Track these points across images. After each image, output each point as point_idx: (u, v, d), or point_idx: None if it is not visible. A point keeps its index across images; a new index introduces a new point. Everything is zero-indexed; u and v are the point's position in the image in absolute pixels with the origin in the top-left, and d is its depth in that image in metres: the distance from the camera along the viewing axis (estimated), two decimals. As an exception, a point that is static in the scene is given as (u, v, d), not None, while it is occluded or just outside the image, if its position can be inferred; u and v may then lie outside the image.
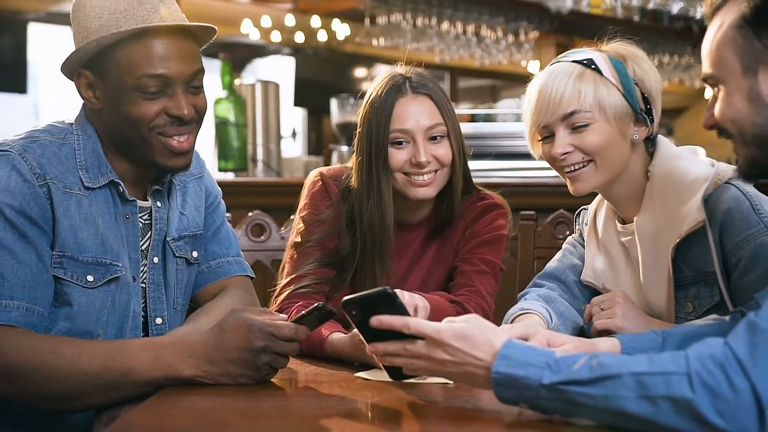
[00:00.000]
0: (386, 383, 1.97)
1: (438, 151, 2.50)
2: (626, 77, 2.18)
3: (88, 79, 2.14)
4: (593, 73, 2.17)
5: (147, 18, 2.08)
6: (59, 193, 2.08)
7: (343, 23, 9.59)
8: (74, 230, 2.09)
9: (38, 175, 2.06)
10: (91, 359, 1.95)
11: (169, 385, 1.95)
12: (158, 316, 2.26)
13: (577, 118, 2.16)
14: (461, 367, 1.69)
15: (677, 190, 2.17)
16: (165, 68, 2.09)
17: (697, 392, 1.44)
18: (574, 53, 2.23)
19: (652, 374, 1.49)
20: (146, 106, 2.10)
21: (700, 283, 2.15)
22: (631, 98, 2.18)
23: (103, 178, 2.15)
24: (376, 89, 2.54)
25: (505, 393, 1.63)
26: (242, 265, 2.46)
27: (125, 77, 2.08)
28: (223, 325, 1.99)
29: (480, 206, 2.64)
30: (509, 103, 5.33)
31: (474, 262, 2.58)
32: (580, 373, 1.55)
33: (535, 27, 8.46)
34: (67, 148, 2.14)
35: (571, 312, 2.36)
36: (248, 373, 1.96)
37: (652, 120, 2.22)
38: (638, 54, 2.23)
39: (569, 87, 2.16)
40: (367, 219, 2.54)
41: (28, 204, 2.03)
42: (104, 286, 2.13)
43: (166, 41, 2.10)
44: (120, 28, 2.06)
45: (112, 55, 2.09)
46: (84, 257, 2.10)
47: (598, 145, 2.17)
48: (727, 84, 1.70)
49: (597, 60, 2.18)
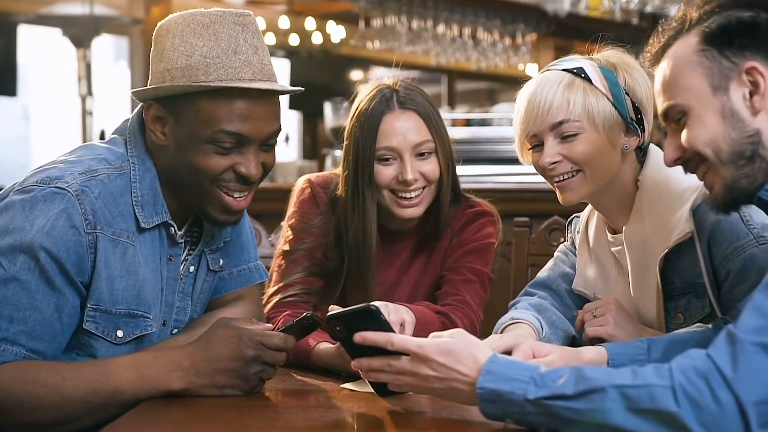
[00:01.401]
0: (373, 394, 1.96)
1: (425, 168, 2.50)
2: (616, 86, 2.19)
3: (160, 114, 2.07)
4: (583, 82, 2.18)
5: (238, 72, 2.01)
6: (106, 241, 2.01)
7: (339, 25, 9.62)
8: (111, 281, 2.03)
9: (89, 223, 1.98)
10: (75, 384, 1.93)
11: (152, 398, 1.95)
12: (176, 327, 2.23)
13: (566, 127, 2.17)
14: (446, 382, 1.71)
15: (666, 200, 2.18)
16: (245, 128, 2.02)
17: (682, 405, 1.47)
18: (564, 61, 2.24)
19: (636, 387, 1.51)
20: (216, 160, 2.03)
21: (690, 295, 2.16)
22: (621, 107, 2.19)
23: (157, 217, 2.10)
24: (363, 102, 2.54)
25: (491, 408, 1.65)
26: (260, 270, 2.42)
27: (202, 128, 2.02)
28: (210, 335, 1.99)
29: (468, 214, 2.64)
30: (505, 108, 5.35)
31: (461, 271, 2.58)
32: (565, 387, 1.57)
33: (533, 30, 8.49)
34: (122, 180, 2.07)
35: (563, 321, 2.38)
36: (237, 384, 1.96)
37: (643, 129, 2.23)
38: (630, 62, 2.23)
39: (558, 96, 2.17)
40: (351, 233, 2.54)
41: (67, 252, 1.96)
42: (132, 341, 2.09)
43: (252, 101, 2.02)
44: (209, 76, 1.99)
45: (193, 102, 2.01)
46: (117, 309, 2.05)
47: (586, 154, 2.18)
48: (696, 108, 1.73)
49: (587, 68, 2.19)
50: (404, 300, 2.51)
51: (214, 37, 2.02)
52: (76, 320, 2.02)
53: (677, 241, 2.12)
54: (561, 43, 9.58)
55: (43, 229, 1.94)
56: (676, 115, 1.77)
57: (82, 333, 2.03)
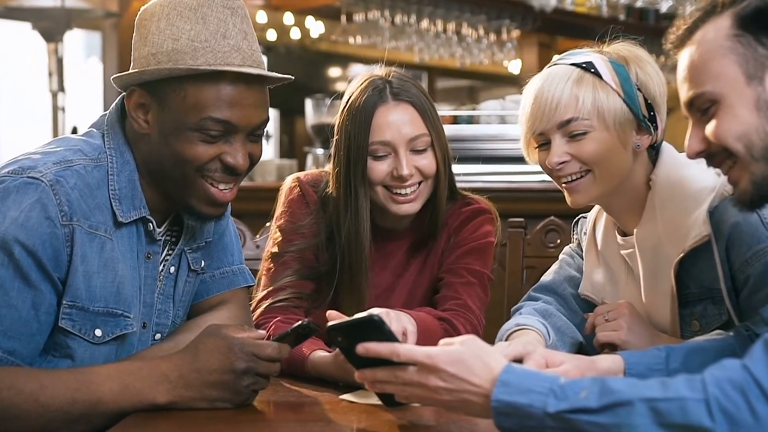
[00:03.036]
0: (373, 406, 1.91)
1: (421, 163, 2.42)
2: (628, 82, 2.11)
3: (143, 100, 2.01)
4: (592, 77, 2.10)
5: (227, 56, 1.96)
6: (82, 234, 1.94)
7: (318, 20, 9.54)
8: (89, 278, 1.96)
9: (64, 214, 1.91)
10: (54, 393, 1.85)
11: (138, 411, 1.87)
12: (159, 332, 2.15)
13: (575, 125, 2.10)
14: (457, 394, 1.61)
15: (681, 201, 2.10)
16: (233, 115, 1.97)
17: (717, 420, 1.39)
18: (573, 55, 2.17)
19: (666, 400, 1.43)
20: (202, 148, 1.98)
21: (707, 301, 2.09)
22: (633, 104, 2.11)
23: (135, 212, 2.03)
24: (354, 94, 2.46)
25: (506, 422, 1.56)
26: (245, 274, 2.35)
27: (188, 114, 1.96)
28: (199, 344, 1.91)
29: (465, 212, 2.57)
30: (493, 105, 5.27)
31: (460, 273, 2.51)
32: (588, 400, 1.48)
33: (518, 25, 8.42)
34: (99, 172, 2.01)
35: (569, 327, 2.30)
36: (228, 397, 1.88)
37: (656, 127, 2.16)
38: (642, 56, 2.16)
39: (566, 92, 2.09)
40: (344, 233, 2.46)
41: (42, 245, 1.88)
42: (111, 341, 2.02)
43: (241, 87, 1.98)
44: (197, 60, 1.95)
45: (179, 87, 1.96)
46: (95, 307, 1.98)
47: (596, 154, 2.11)
48: (728, 97, 1.64)
49: (597, 63, 2.12)
50: (401, 305, 2.45)
51: (202, 21, 1.96)
52: (54, 318, 1.94)
53: (693, 245, 2.04)
54: (545, 40, 9.52)
55: (17, 221, 1.87)
56: (704, 104, 1.68)
57: (58, 332, 1.96)
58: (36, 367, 1.93)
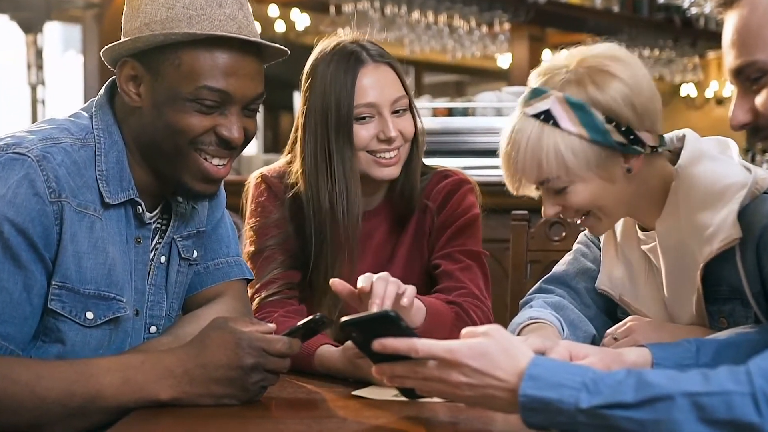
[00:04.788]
0: (387, 402, 1.86)
1: (403, 125, 2.41)
2: (589, 119, 1.97)
3: (135, 72, 1.97)
4: (552, 130, 1.98)
5: (223, 24, 1.94)
6: (71, 212, 1.90)
7: (303, 12, 9.49)
8: (79, 258, 1.92)
9: (53, 191, 1.87)
10: (51, 384, 1.79)
11: (141, 407, 1.81)
12: (153, 324, 2.10)
13: (550, 184, 2.02)
14: (480, 389, 1.55)
15: (707, 197, 2.00)
16: (229, 85, 1.94)
17: (764, 415, 1.33)
18: (534, 99, 2.02)
19: (709, 394, 1.37)
20: (197, 119, 1.94)
21: (735, 301, 2.01)
22: (603, 140, 1.97)
23: (123, 194, 1.99)
24: (326, 60, 2.41)
25: (534, 418, 1.49)
26: (242, 266, 2.30)
27: (183, 83, 1.93)
28: (205, 339, 1.85)
29: (448, 185, 2.54)
30: (489, 96, 5.24)
31: (455, 257, 2.47)
32: (624, 394, 1.42)
33: (510, 17, 8.38)
34: (86, 152, 1.96)
35: (583, 321, 2.24)
36: (235, 394, 1.83)
37: (643, 144, 2.01)
38: (613, 71, 2.00)
39: (529, 159, 1.99)
40: (325, 206, 2.40)
41: (32, 223, 1.84)
42: (103, 324, 1.97)
43: (237, 56, 1.95)
44: (192, 28, 1.92)
45: (174, 55, 1.93)
46: (86, 289, 1.93)
47: (585, 201, 2.03)
48: None
49: (553, 109, 1.98)
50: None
51: None
52: (45, 301, 1.90)
53: (722, 248, 1.95)
54: (536, 33, 9.49)
55: (5, 198, 1.83)
56: (754, 73, 1.59)
57: (47, 315, 1.91)
58: (33, 358, 1.89)
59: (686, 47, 10.46)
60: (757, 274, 1.94)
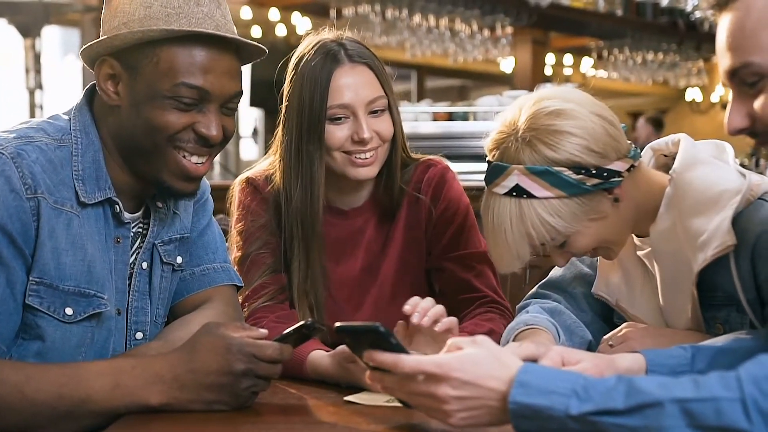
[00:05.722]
0: (379, 407, 1.87)
1: (379, 126, 2.42)
2: (557, 180, 1.98)
3: (113, 70, 2.00)
4: (529, 202, 1.99)
5: (201, 22, 1.97)
6: (48, 209, 1.92)
7: (304, 16, 9.50)
8: (58, 254, 1.94)
9: (29, 187, 1.90)
10: (40, 386, 1.81)
11: (131, 413, 1.82)
12: (139, 330, 2.12)
13: (550, 246, 2.07)
14: (469, 402, 1.54)
15: (700, 203, 2.01)
16: (207, 82, 1.97)
17: (755, 422, 1.34)
18: (497, 178, 2.01)
19: (699, 401, 1.37)
20: (174, 116, 1.97)
21: (731, 307, 2.01)
22: (580, 190, 1.99)
23: (100, 193, 2.01)
24: (306, 58, 2.42)
25: (526, 425, 1.50)
26: (229, 272, 2.31)
27: (161, 80, 1.96)
28: (196, 344, 1.86)
29: (433, 176, 2.56)
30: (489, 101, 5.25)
31: (467, 263, 2.52)
32: (614, 401, 1.42)
33: (512, 21, 8.38)
34: (62, 152, 1.99)
35: (579, 326, 2.25)
36: (225, 400, 1.83)
37: (619, 173, 2.02)
38: (559, 131, 1.99)
39: (518, 236, 2.02)
40: (296, 203, 2.43)
41: (10, 218, 1.87)
42: (84, 321, 1.99)
43: (215, 54, 1.99)
44: (170, 26, 1.94)
45: (152, 52, 1.96)
46: (65, 286, 1.95)
47: (588, 246, 2.08)
48: None
49: (522, 182, 1.98)
50: (389, 284, 2.52)
51: None
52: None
53: (716, 254, 1.95)
54: (539, 37, 9.50)
55: None
56: (750, 77, 1.57)
57: (26, 311, 1.92)
58: (21, 361, 1.91)
59: (690, 51, 10.45)
60: (752, 281, 1.94)
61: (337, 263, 2.53)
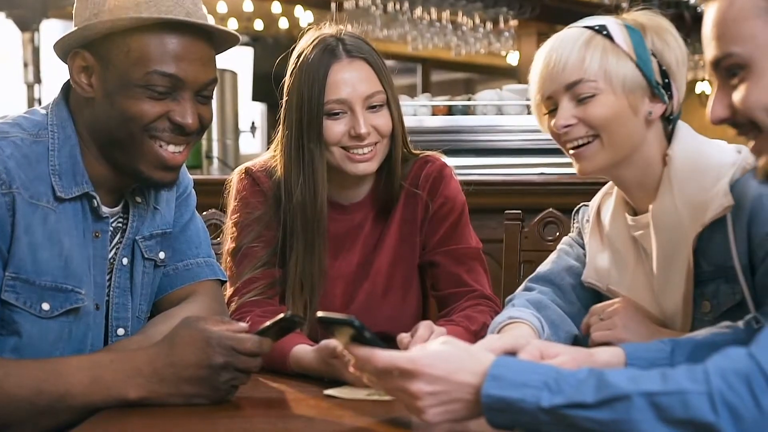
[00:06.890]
0: (359, 401, 1.89)
1: (378, 121, 2.44)
2: (642, 46, 2.10)
3: (86, 62, 2.01)
4: (603, 40, 2.10)
5: (171, 10, 1.97)
6: (24, 204, 1.94)
7: (307, 10, 9.51)
8: (34, 249, 1.95)
9: (3, 182, 1.92)
10: (19, 382, 1.83)
11: (109, 407, 1.84)
12: (121, 326, 2.13)
13: (581, 87, 2.10)
14: (443, 396, 1.56)
15: (700, 175, 2.08)
16: (180, 69, 1.98)
17: (720, 414, 1.35)
18: (588, 19, 2.18)
19: (667, 394, 1.39)
20: (149, 105, 1.98)
21: (719, 280, 2.06)
22: (646, 69, 2.10)
23: (77, 188, 2.02)
24: (305, 53, 2.45)
25: (498, 418, 1.52)
26: (213, 267, 2.33)
27: (133, 69, 1.97)
28: (175, 337, 1.88)
29: (431, 172, 2.58)
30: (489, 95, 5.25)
31: (459, 258, 2.54)
32: (584, 394, 1.44)
33: (516, 14, 8.37)
34: (39, 147, 2.00)
35: (564, 320, 2.28)
36: (205, 393, 1.86)
37: (671, 96, 2.14)
38: (662, 24, 2.16)
39: (574, 54, 2.10)
40: (297, 199, 2.45)
41: None
42: (61, 316, 2.00)
43: (187, 41, 2.00)
44: (140, 14, 1.95)
45: (123, 42, 1.97)
46: (42, 281, 1.97)
47: (603, 118, 2.10)
48: (759, 64, 1.55)
49: (610, 26, 2.12)
50: (381, 280, 2.53)
51: None
52: None
53: (714, 217, 2.02)
54: (544, 29, 9.48)
55: None
56: (731, 67, 1.58)
57: (3, 307, 1.94)
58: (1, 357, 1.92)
59: (697, 44, 10.35)
60: (747, 245, 2.00)
61: (335, 258, 2.55)
